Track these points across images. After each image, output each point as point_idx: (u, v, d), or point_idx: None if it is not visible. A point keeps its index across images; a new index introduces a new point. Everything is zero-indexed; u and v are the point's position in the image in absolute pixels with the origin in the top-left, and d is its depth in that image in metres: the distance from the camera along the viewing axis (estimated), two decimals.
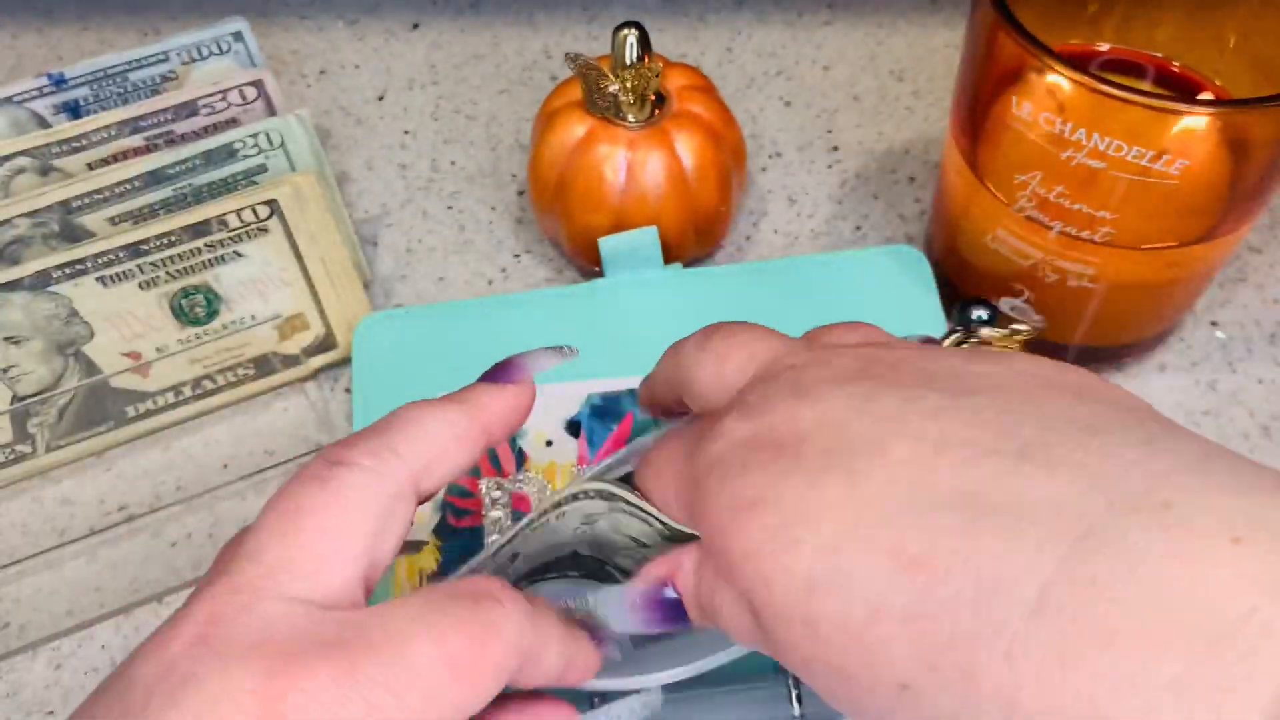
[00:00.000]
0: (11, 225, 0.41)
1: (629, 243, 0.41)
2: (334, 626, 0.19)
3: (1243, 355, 0.42)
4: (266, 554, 0.20)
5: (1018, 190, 0.35)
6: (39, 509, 0.40)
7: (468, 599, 0.20)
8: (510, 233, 0.47)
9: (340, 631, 0.19)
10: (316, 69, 0.53)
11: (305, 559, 0.20)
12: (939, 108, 0.50)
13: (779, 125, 0.50)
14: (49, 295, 0.40)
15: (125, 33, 0.55)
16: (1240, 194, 0.34)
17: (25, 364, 0.40)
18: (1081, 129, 0.32)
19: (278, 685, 0.18)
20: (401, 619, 0.20)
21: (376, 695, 0.18)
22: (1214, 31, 0.37)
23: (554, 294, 0.42)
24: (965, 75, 0.36)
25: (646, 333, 0.40)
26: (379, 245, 0.46)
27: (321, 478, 0.21)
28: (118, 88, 0.47)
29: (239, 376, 0.42)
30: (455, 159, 0.49)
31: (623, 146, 0.40)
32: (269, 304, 0.42)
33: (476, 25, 0.55)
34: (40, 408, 0.40)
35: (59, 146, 0.44)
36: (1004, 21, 0.32)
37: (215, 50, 0.47)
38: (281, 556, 0.20)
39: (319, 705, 0.18)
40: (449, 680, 0.19)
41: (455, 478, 0.23)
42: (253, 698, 0.18)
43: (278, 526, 0.20)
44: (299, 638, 0.19)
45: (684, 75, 0.42)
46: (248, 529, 0.21)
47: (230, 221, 0.41)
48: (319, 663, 0.18)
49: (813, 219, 0.46)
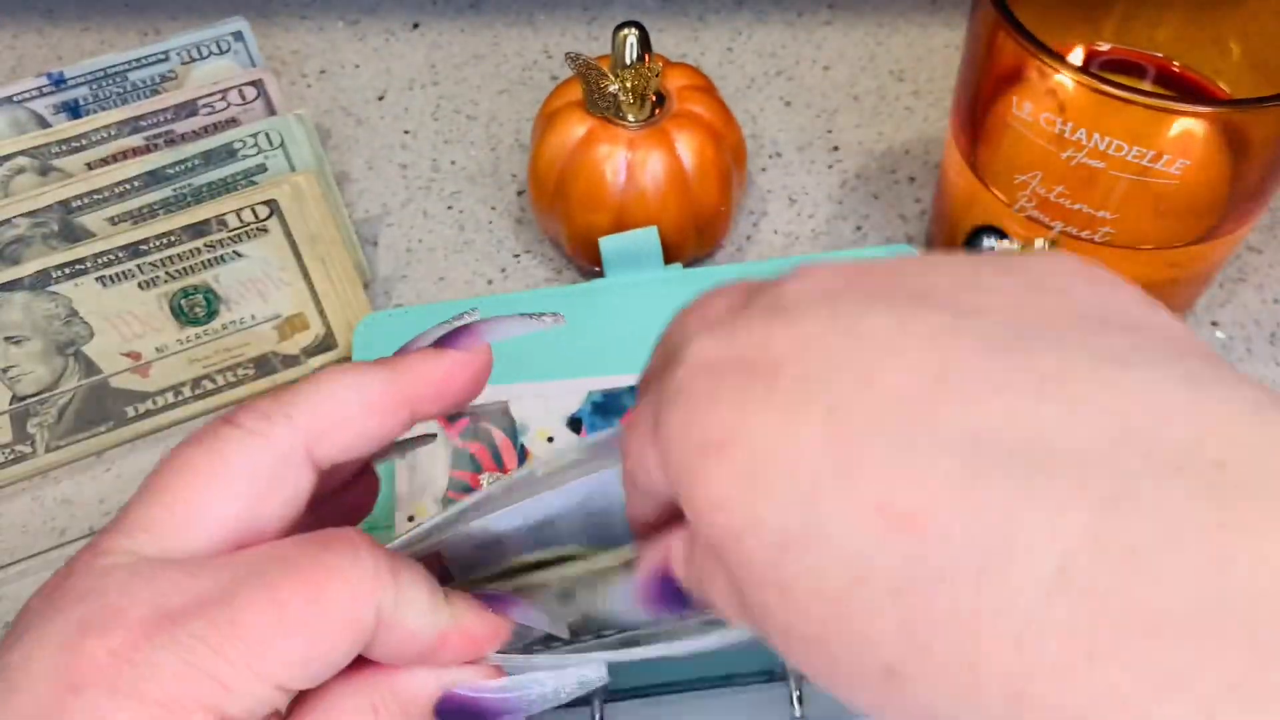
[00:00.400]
0: (11, 225, 0.41)
1: (629, 243, 0.41)
2: (169, 585, 0.18)
3: (1243, 355, 0.42)
4: (130, 514, 0.19)
5: (1018, 190, 0.35)
6: (39, 509, 0.40)
7: (314, 544, 0.19)
8: (510, 233, 0.47)
9: (172, 590, 0.18)
10: (316, 69, 0.53)
11: (167, 519, 0.19)
12: (939, 108, 0.50)
13: (779, 125, 0.50)
14: (49, 295, 0.40)
15: (125, 33, 0.55)
16: (1240, 194, 0.34)
17: (25, 364, 0.40)
18: (1082, 129, 0.32)
19: (88, 640, 0.17)
20: (238, 569, 0.19)
21: (193, 651, 0.17)
22: (1214, 32, 0.37)
23: (554, 294, 0.42)
24: (965, 75, 0.36)
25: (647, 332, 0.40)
26: (379, 245, 0.46)
27: (204, 440, 0.20)
28: (117, 88, 0.47)
29: (239, 377, 0.42)
30: (455, 159, 0.49)
31: (623, 146, 0.40)
32: (269, 304, 0.42)
33: (476, 25, 0.55)
34: (40, 408, 0.40)
35: (59, 146, 0.44)
36: (1004, 21, 0.32)
37: (215, 50, 0.47)
38: (144, 517, 0.19)
39: (124, 663, 0.17)
40: (279, 634, 0.18)
41: (372, 448, 0.22)
42: (62, 651, 0.17)
43: (150, 486, 0.20)
44: (127, 594, 0.18)
45: (684, 75, 0.42)
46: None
47: (230, 221, 0.41)
48: (135, 619, 0.17)
49: (813, 219, 0.46)
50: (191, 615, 0.18)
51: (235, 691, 0.17)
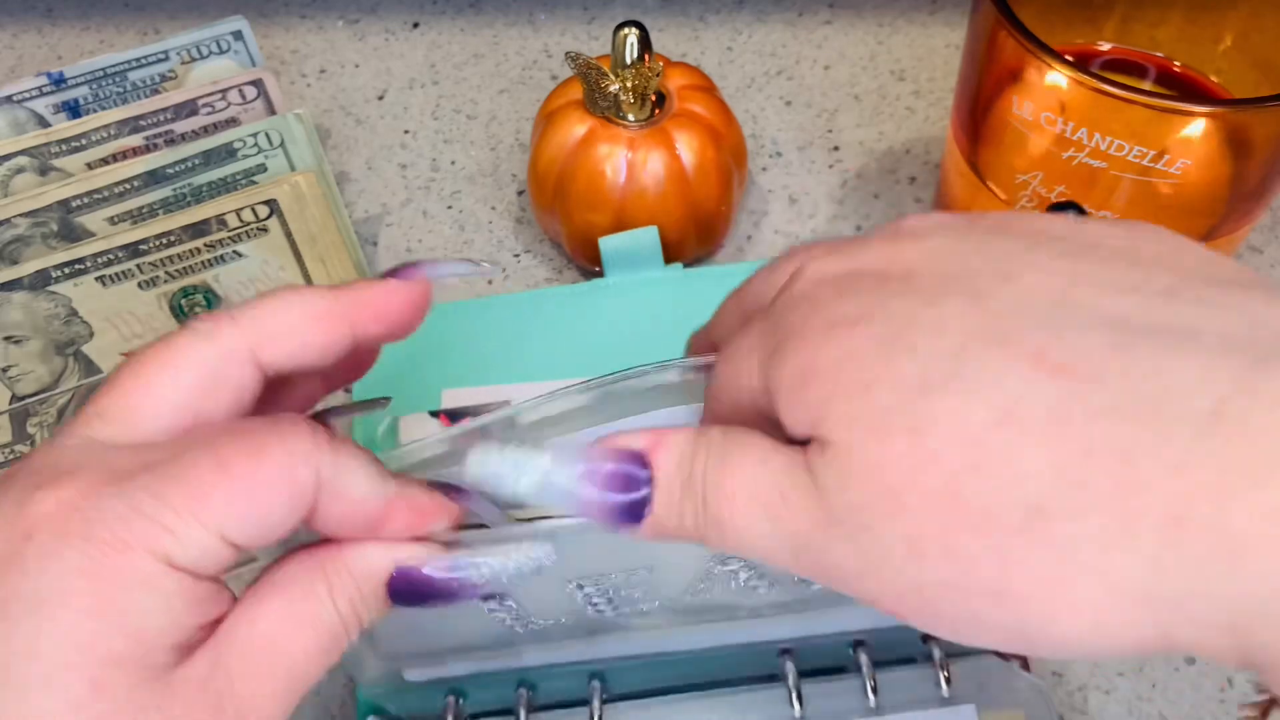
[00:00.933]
0: (11, 225, 0.41)
1: (629, 242, 0.41)
2: (122, 455, 0.19)
3: None
4: (87, 407, 0.21)
5: (1019, 190, 0.35)
6: None
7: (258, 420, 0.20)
8: (510, 233, 0.47)
9: (126, 457, 0.19)
10: (316, 68, 0.53)
11: (121, 407, 0.20)
12: (940, 108, 0.50)
13: (779, 125, 0.50)
14: (48, 295, 0.40)
15: (125, 32, 0.55)
16: (1241, 194, 0.34)
17: (25, 364, 0.40)
18: (1083, 129, 0.31)
19: (38, 496, 0.18)
20: (186, 440, 0.20)
21: (138, 498, 0.18)
22: (1215, 31, 0.37)
23: (554, 294, 0.42)
24: (966, 75, 0.36)
25: (647, 333, 0.40)
26: (379, 245, 0.46)
27: (159, 342, 0.21)
28: (117, 87, 0.47)
29: None
30: (455, 159, 0.49)
31: (623, 146, 0.40)
32: None
33: (476, 25, 0.55)
34: (40, 408, 0.40)
35: (58, 146, 0.44)
36: (1005, 21, 0.32)
37: (215, 50, 0.47)
38: (101, 405, 0.20)
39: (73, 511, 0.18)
40: (219, 482, 0.18)
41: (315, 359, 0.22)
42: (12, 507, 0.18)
43: (108, 382, 0.21)
44: (76, 461, 0.19)
45: (684, 75, 0.42)
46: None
47: (230, 221, 0.41)
48: (85, 478, 0.18)
49: (813, 219, 0.46)
50: (140, 472, 0.19)
51: (179, 536, 0.18)
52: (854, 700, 0.30)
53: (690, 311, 0.28)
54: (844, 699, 0.30)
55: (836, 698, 0.30)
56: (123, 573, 0.18)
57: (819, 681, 0.30)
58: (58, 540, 0.18)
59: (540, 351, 0.39)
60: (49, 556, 0.18)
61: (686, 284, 0.41)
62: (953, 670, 0.30)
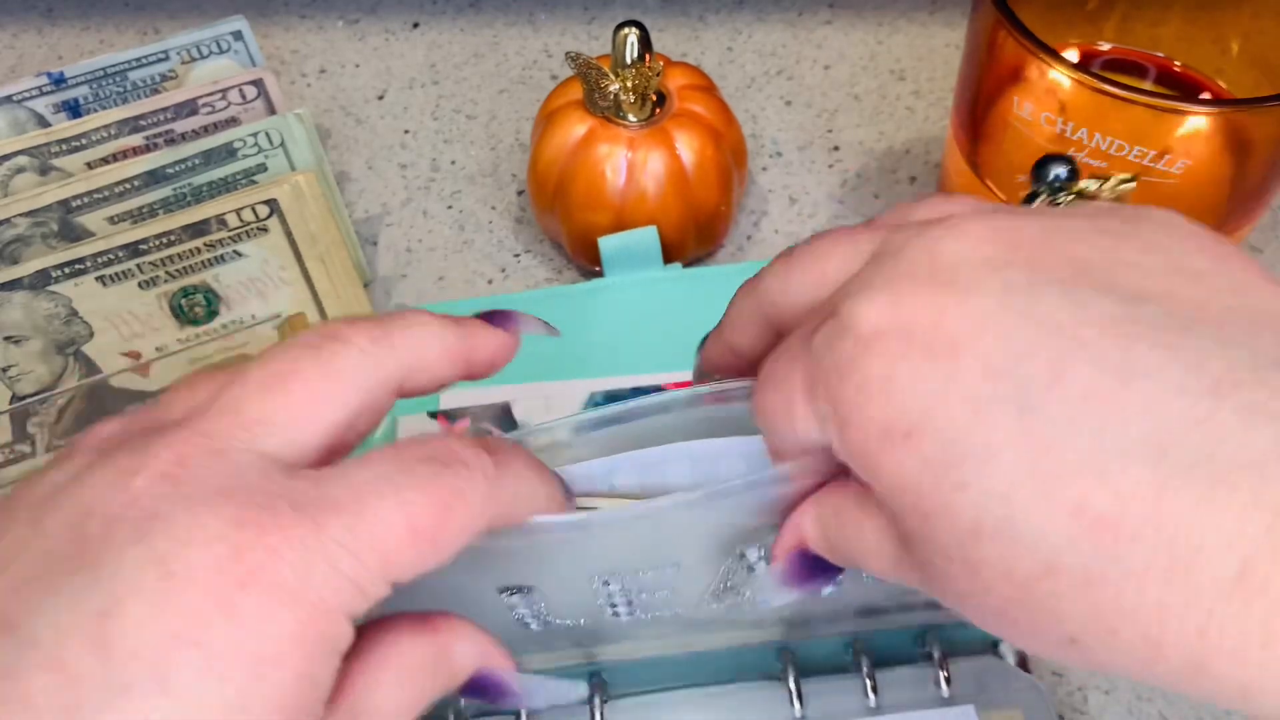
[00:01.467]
0: (11, 224, 0.41)
1: (629, 242, 0.41)
2: (303, 484, 0.19)
3: None
4: (246, 407, 0.20)
5: (1019, 190, 0.35)
6: None
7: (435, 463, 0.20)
8: (510, 233, 0.47)
9: (308, 489, 0.19)
10: (316, 68, 0.53)
11: (285, 418, 0.20)
12: (940, 107, 0.50)
13: (779, 125, 0.50)
14: (49, 295, 0.40)
15: (125, 32, 0.55)
16: (1242, 193, 0.34)
17: (25, 364, 0.40)
18: (1083, 128, 0.31)
19: (245, 536, 0.18)
20: (368, 478, 0.19)
21: (338, 556, 0.18)
22: (1215, 31, 0.37)
23: (554, 294, 0.42)
24: (966, 75, 0.36)
25: (647, 332, 0.40)
26: (379, 245, 0.46)
27: (315, 347, 0.21)
28: (117, 87, 0.47)
29: None
30: (455, 159, 0.49)
31: (623, 146, 0.40)
32: (269, 303, 0.42)
33: (476, 25, 0.55)
34: (40, 407, 0.40)
35: (58, 146, 0.44)
36: (1006, 21, 0.32)
37: (215, 49, 0.47)
38: (263, 411, 0.20)
39: (284, 563, 0.18)
40: (408, 546, 0.19)
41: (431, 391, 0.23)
42: (222, 545, 0.17)
43: (265, 383, 0.20)
44: (268, 491, 0.18)
45: (684, 75, 0.42)
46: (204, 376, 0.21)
47: (230, 221, 0.41)
48: (287, 519, 0.18)
49: (814, 219, 0.46)
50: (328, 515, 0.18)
51: (368, 596, 0.18)
52: (854, 700, 0.30)
53: (690, 311, 0.28)
54: (844, 699, 0.30)
55: (836, 698, 0.30)
56: (326, 640, 0.18)
57: (819, 681, 0.30)
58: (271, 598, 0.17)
59: (540, 351, 0.39)
60: (267, 616, 0.17)
61: (686, 284, 0.41)
62: (952, 670, 0.30)
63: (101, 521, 0.18)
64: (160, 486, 0.18)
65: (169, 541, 0.17)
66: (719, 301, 0.43)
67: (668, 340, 0.26)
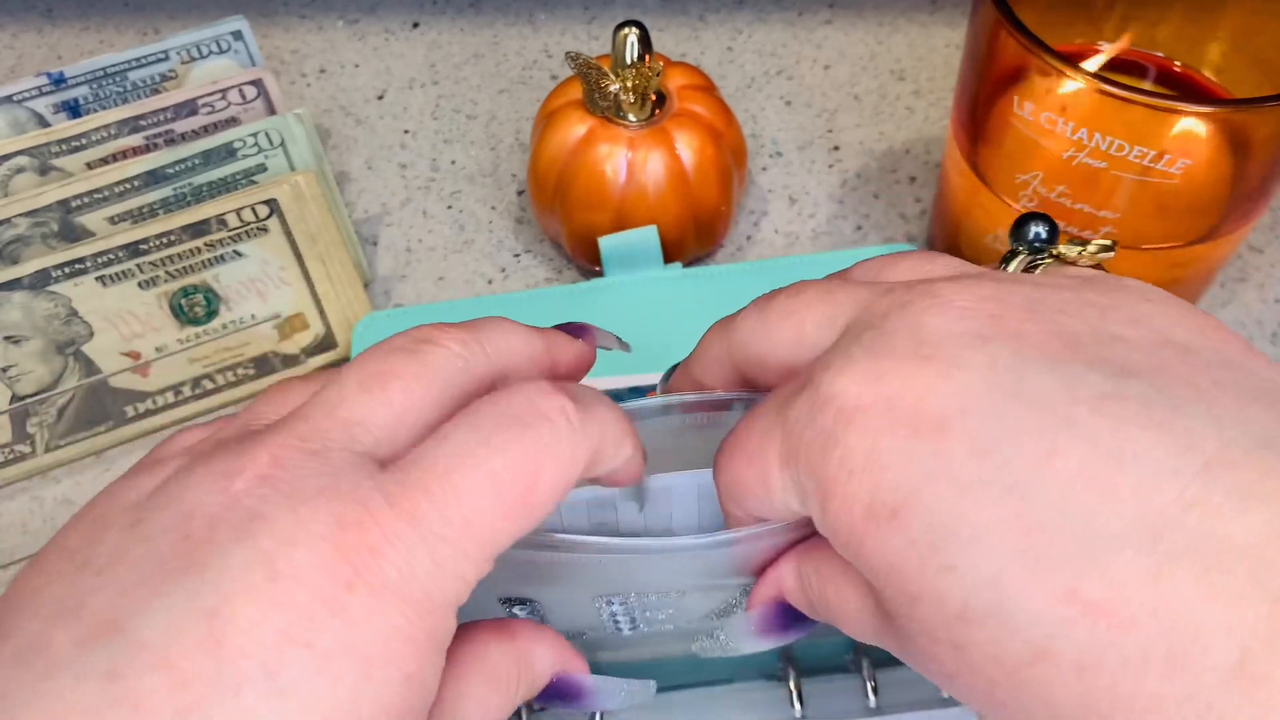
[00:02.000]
0: (11, 225, 0.41)
1: (629, 242, 0.41)
2: (394, 478, 0.18)
3: None
4: (344, 407, 0.19)
5: (1019, 190, 0.35)
6: (39, 509, 0.40)
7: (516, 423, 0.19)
8: (510, 233, 0.47)
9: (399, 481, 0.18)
10: (316, 68, 0.53)
11: (382, 419, 0.19)
12: (940, 107, 0.50)
13: (779, 125, 0.50)
14: (48, 295, 0.40)
15: (125, 32, 0.55)
16: (1242, 193, 0.34)
17: (25, 364, 0.40)
18: (1083, 128, 0.31)
19: (348, 536, 0.17)
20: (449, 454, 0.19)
21: (437, 548, 0.18)
22: (1215, 31, 0.37)
23: (554, 294, 0.42)
24: (966, 74, 0.36)
25: (646, 332, 0.40)
26: (379, 245, 0.46)
27: (410, 350, 0.20)
28: (117, 87, 0.47)
29: (239, 376, 0.42)
30: (455, 159, 0.49)
31: (623, 146, 0.40)
32: (269, 303, 0.42)
33: (476, 25, 0.55)
34: (40, 407, 0.40)
35: (58, 146, 0.44)
36: (1006, 21, 0.32)
37: (215, 49, 0.47)
38: (360, 413, 0.19)
39: (387, 562, 0.17)
40: (503, 519, 0.18)
41: None
42: (326, 545, 0.17)
43: (363, 384, 0.20)
44: (365, 488, 0.18)
45: (684, 74, 0.42)
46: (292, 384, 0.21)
47: (230, 221, 0.41)
48: (384, 515, 0.18)
49: (814, 218, 0.46)
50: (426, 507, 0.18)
51: (469, 583, 0.18)
52: (854, 700, 0.30)
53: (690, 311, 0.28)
54: (844, 699, 0.30)
55: (836, 698, 0.30)
56: (433, 637, 0.18)
57: (819, 681, 0.30)
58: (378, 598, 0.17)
59: None
60: (375, 615, 0.17)
61: (686, 284, 0.41)
62: None
63: (204, 523, 0.18)
64: (260, 488, 0.18)
65: (273, 541, 0.17)
66: (719, 301, 0.43)
67: (667, 340, 0.26)
